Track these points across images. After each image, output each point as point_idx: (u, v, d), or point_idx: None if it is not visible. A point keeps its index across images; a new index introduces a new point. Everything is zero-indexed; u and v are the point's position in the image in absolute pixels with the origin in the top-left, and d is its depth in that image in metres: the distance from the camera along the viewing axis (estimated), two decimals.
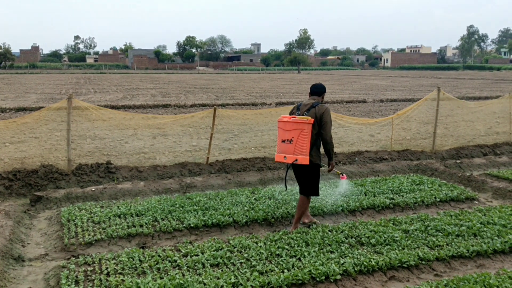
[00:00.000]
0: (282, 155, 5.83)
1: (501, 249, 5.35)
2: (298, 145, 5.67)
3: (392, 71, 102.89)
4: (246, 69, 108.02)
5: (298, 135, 5.66)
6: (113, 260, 4.96)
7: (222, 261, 4.90)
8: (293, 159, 5.70)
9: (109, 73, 77.96)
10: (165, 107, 21.91)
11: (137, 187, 7.86)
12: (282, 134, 5.84)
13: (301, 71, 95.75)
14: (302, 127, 5.64)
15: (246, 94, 30.72)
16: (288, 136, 5.73)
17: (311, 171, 5.91)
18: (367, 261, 4.88)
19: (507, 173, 8.99)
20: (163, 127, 12.96)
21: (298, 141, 5.67)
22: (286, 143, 5.76)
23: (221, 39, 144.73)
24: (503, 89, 35.26)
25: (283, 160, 5.82)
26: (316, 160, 5.85)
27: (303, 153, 5.65)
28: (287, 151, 5.77)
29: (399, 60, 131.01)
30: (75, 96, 20.75)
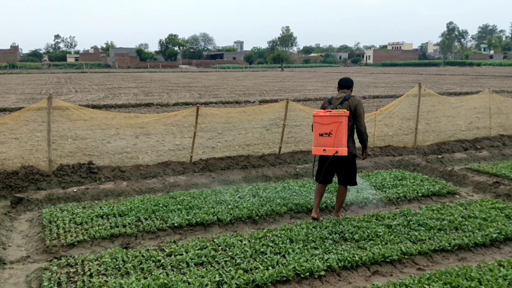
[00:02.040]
0: (321, 148, 6.00)
1: (482, 242, 5.44)
2: (337, 137, 5.87)
3: (374, 68, 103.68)
4: (229, 67, 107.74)
5: (337, 128, 5.86)
6: (96, 261, 4.91)
7: (206, 259, 4.89)
8: (334, 151, 5.89)
9: (90, 73, 77.07)
10: (147, 106, 21.76)
11: (120, 187, 7.79)
12: (319, 128, 6.00)
13: (284, 69, 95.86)
14: (340, 120, 5.85)
15: (229, 92, 30.66)
16: (327, 130, 5.92)
17: (349, 162, 6.15)
18: (351, 257, 4.91)
19: (487, 167, 9.13)
20: (145, 126, 12.86)
21: (337, 134, 5.87)
22: (325, 136, 5.94)
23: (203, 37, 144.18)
24: (483, 85, 35.80)
25: (323, 153, 6.01)
26: (352, 150, 6.07)
27: (342, 145, 5.86)
28: (326, 144, 5.95)
29: (381, 57, 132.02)
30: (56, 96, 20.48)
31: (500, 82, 40.25)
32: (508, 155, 10.73)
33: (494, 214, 6.31)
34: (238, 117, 12.34)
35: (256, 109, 11.73)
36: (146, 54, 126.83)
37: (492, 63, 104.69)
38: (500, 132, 12.78)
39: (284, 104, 10.18)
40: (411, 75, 60.48)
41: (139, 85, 39.74)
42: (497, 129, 13.15)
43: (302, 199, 7.08)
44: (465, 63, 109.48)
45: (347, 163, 6.13)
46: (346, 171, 6.19)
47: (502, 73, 63.98)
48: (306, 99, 25.09)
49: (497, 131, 12.90)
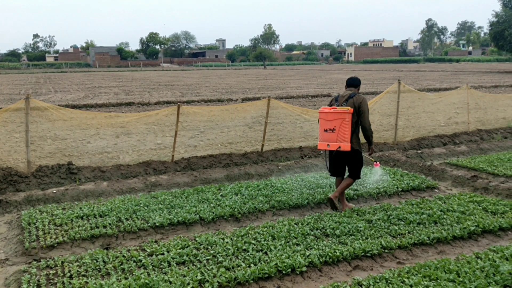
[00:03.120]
0: (325, 143, 6.31)
1: (460, 235, 5.53)
2: (340, 133, 6.17)
3: (356, 65, 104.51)
4: (211, 65, 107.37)
5: (340, 124, 6.16)
6: (76, 263, 4.86)
7: (188, 258, 4.88)
8: (337, 146, 6.21)
9: (70, 72, 76.04)
10: (128, 105, 21.56)
11: (100, 187, 7.71)
12: (324, 124, 6.30)
13: (267, 67, 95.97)
14: (343, 117, 6.14)
15: (212, 91, 30.57)
16: (331, 126, 6.22)
17: (353, 157, 6.43)
18: (332, 252, 4.96)
19: (466, 162, 9.29)
20: (126, 126, 12.74)
21: (340, 130, 6.17)
22: (329, 132, 6.25)
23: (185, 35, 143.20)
24: (462, 80, 36.36)
25: (327, 147, 6.32)
26: (356, 146, 6.32)
27: (345, 140, 6.16)
28: (330, 139, 6.26)
29: (362, 54, 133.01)
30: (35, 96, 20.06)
31: (478, 78, 40.93)
32: (486, 150, 10.93)
33: (472, 207, 6.43)
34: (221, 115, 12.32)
35: (239, 107, 11.71)
36: (127, 52, 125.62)
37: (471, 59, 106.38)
38: (478, 127, 13.00)
39: (266, 101, 10.20)
40: (392, 71, 61.10)
41: (120, 84, 39.37)
42: (475, 124, 13.38)
43: (285, 196, 7.11)
44: (445, 59, 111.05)
45: (352, 158, 6.43)
46: (351, 165, 6.51)
47: (480, 69, 65.05)
48: (288, 96, 25.15)
49: (475, 126, 13.12)
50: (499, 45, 56.05)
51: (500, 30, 53.10)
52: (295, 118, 14.57)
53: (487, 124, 13.54)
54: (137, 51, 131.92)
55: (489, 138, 12.08)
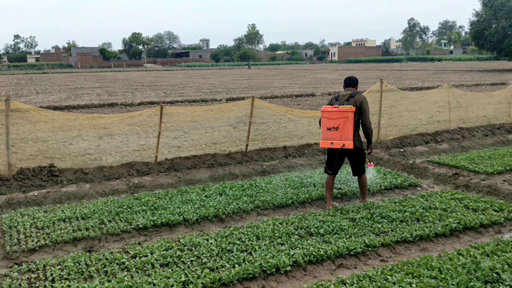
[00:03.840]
0: (329, 141, 6.41)
1: (442, 233, 5.60)
2: (344, 131, 6.28)
3: (339, 65, 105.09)
4: (195, 65, 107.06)
5: (344, 123, 6.27)
6: (58, 266, 4.80)
7: (172, 260, 4.85)
8: (341, 145, 6.32)
9: (51, 73, 75.07)
10: (111, 106, 21.37)
11: (83, 189, 7.63)
12: (327, 122, 6.39)
13: (251, 66, 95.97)
14: (347, 115, 6.25)
15: (196, 91, 30.47)
16: (334, 124, 6.32)
17: (357, 154, 6.59)
18: (316, 251, 4.97)
19: (447, 160, 9.41)
20: (109, 127, 12.63)
21: (344, 128, 6.28)
22: (332, 130, 6.35)
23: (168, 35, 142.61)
24: (443, 79, 36.83)
25: (330, 146, 6.42)
26: (357, 144, 6.48)
27: (349, 138, 6.28)
28: (334, 138, 6.36)
29: (345, 54, 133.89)
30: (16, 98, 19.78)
31: (459, 77, 41.51)
32: (467, 147, 11.08)
33: (453, 204, 6.51)
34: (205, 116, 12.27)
35: (223, 107, 11.68)
36: (109, 53, 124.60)
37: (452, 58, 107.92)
38: (459, 125, 13.17)
39: (250, 101, 10.19)
40: (375, 71, 61.61)
41: (103, 85, 38.99)
42: (456, 122, 13.56)
43: (269, 196, 7.11)
44: (427, 58, 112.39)
45: (356, 155, 6.60)
46: (355, 162, 6.68)
47: (461, 67, 65.97)
48: (273, 96, 25.19)
49: (456, 124, 13.30)
50: (479, 44, 56.87)
51: (481, 30, 53.88)
52: (279, 117, 14.60)
53: (468, 122, 13.73)
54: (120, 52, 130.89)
55: (470, 136, 12.25)
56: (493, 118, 14.19)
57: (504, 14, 51.32)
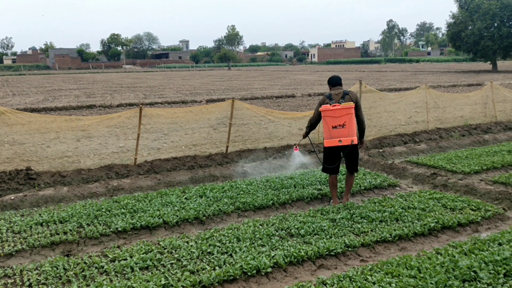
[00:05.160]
0: (336, 139, 6.41)
1: (421, 232, 5.66)
2: (350, 128, 6.35)
3: (319, 66, 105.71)
4: (175, 66, 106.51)
5: (350, 119, 6.34)
6: (35, 271, 4.70)
7: (152, 263, 4.80)
8: (350, 141, 6.37)
9: (28, 75, 73.72)
10: (89, 108, 21.10)
11: (60, 192, 7.50)
12: (331, 121, 6.40)
13: (231, 68, 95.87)
14: (351, 112, 6.35)
15: (175, 92, 30.29)
16: (340, 122, 6.35)
17: (356, 150, 6.73)
18: (297, 252, 4.98)
19: (425, 160, 9.54)
20: (87, 129, 12.46)
21: (350, 124, 6.35)
22: (339, 128, 6.37)
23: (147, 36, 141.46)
24: (421, 80, 37.37)
25: (338, 143, 6.42)
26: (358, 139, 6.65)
27: (355, 134, 6.41)
28: (341, 135, 6.38)
29: (325, 55, 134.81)
30: None
31: (437, 78, 42.18)
32: (445, 147, 11.25)
33: (432, 204, 6.60)
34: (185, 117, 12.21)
35: (203, 108, 11.63)
36: (87, 54, 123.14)
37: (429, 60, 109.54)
38: (437, 126, 13.37)
39: (231, 103, 10.17)
40: (354, 72, 62.14)
41: (81, 86, 38.47)
42: (434, 122, 13.76)
43: (250, 197, 7.09)
44: (405, 59, 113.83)
45: (355, 151, 6.71)
46: (354, 159, 6.76)
47: (439, 68, 67.07)
48: (253, 97, 25.20)
49: (434, 124, 13.50)
50: (456, 45, 57.80)
51: (457, 31, 54.82)
52: (260, 119, 14.61)
53: (445, 123, 13.95)
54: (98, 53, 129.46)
55: (447, 136, 12.44)
56: (470, 119, 14.46)
57: (480, 16, 52.32)
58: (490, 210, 6.36)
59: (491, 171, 8.79)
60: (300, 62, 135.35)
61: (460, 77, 43.22)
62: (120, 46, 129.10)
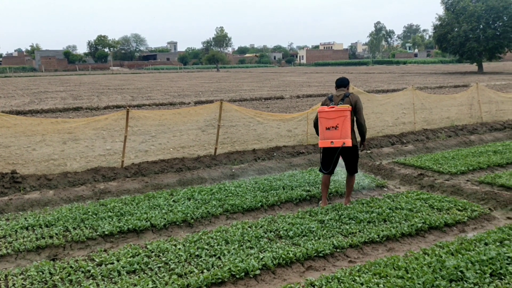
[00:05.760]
0: (328, 141, 6.53)
1: (408, 232, 5.69)
2: (343, 130, 6.42)
3: (308, 68, 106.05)
4: (163, 68, 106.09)
5: (343, 122, 6.41)
6: (20, 275, 4.64)
7: (139, 267, 4.75)
8: (341, 143, 6.44)
9: (14, 77, 72.91)
10: (76, 110, 20.92)
11: (46, 196, 7.41)
12: (325, 122, 6.52)
13: (220, 69, 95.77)
14: (345, 114, 6.42)
15: (163, 94, 30.16)
16: (333, 124, 6.45)
17: (353, 152, 6.75)
18: (285, 254, 4.97)
19: (413, 160, 9.60)
20: (74, 131, 12.31)
21: (343, 127, 6.41)
22: (332, 129, 6.48)
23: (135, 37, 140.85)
24: (408, 82, 37.66)
25: (330, 145, 6.52)
26: (354, 142, 6.67)
27: (348, 136, 6.44)
28: (333, 137, 6.48)
29: (314, 57, 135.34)
30: None
31: (424, 79, 42.54)
32: (431, 148, 11.34)
33: (419, 204, 6.64)
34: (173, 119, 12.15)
35: (191, 110, 11.57)
36: (74, 56, 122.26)
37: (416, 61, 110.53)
38: (424, 127, 13.48)
39: (219, 104, 10.15)
40: (342, 74, 62.39)
41: (67, 88, 38.14)
42: (421, 123, 13.86)
43: (238, 199, 7.07)
44: (392, 61, 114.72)
45: (352, 153, 6.75)
46: (352, 161, 6.80)
47: (426, 70, 67.68)
48: (242, 99, 25.19)
49: (421, 125, 13.60)
50: (442, 47, 58.35)
51: (443, 33, 55.35)
52: (248, 120, 14.59)
53: (432, 124, 14.05)
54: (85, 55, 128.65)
55: (434, 137, 12.55)
56: (456, 120, 14.59)
57: (466, 18, 52.89)
58: (476, 210, 6.41)
59: (477, 171, 8.87)
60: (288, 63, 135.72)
61: (446, 78, 43.64)
62: (107, 47, 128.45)
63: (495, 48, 53.86)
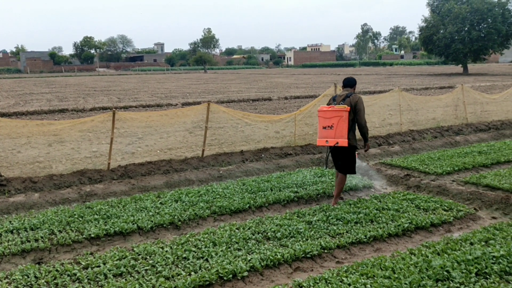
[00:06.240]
0: (324, 139, 6.68)
1: (395, 233, 5.73)
2: (338, 130, 6.53)
3: (295, 69, 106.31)
4: (150, 69, 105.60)
5: (337, 122, 6.53)
6: (5, 280, 4.57)
7: (125, 270, 4.71)
8: (335, 142, 6.58)
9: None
10: (62, 112, 20.73)
11: (32, 199, 7.32)
12: (322, 121, 6.68)
13: (207, 71, 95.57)
14: (340, 114, 6.52)
15: (150, 95, 30.01)
16: (329, 123, 6.59)
17: (348, 152, 6.81)
18: (273, 255, 4.97)
19: (399, 161, 9.67)
20: (59, 133, 12.16)
21: (338, 127, 6.54)
22: (327, 129, 6.62)
23: (121, 39, 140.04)
24: (394, 83, 37.95)
25: (325, 144, 6.70)
26: (352, 142, 6.72)
27: (343, 136, 6.53)
28: (328, 136, 6.62)
29: (301, 58, 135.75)
30: None
31: (410, 81, 42.91)
32: (418, 149, 11.44)
33: (405, 205, 6.69)
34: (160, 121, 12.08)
35: (179, 111, 11.51)
36: (60, 57, 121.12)
37: (403, 63, 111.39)
38: (410, 128, 13.59)
39: (206, 106, 10.12)
40: (330, 75, 62.71)
41: (53, 90, 37.77)
42: (407, 124, 13.96)
43: (226, 201, 7.06)
44: (379, 63, 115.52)
45: (347, 153, 6.82)
46: (346, 161, 6.87)
47: (412, 72, 68.27)
48: (230, 100, 25.16)
49: (407, 126, 13.71)
50: (428, 49, 58.94)
51: (429, 35, 55.91)
52: (236, 122, 14.55)
53: (418, 125, 14.17)
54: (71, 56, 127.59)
55: (420, 138, 12.66)
56: (442, 121, 14.73)
57: (451, 20, 53.52)
58: (462, 210, 6.48)
59: (463, 171, 8.97)
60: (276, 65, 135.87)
61: (432, 80, 44.06)
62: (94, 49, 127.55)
63: (480, 50, 54.59)
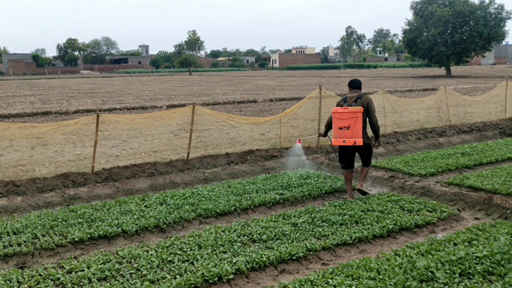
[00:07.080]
0: (341, 139, 7.13)
1: (379, 234, 5.77)
2: (354, 130, 6.96)
3: (281, 72, 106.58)
4: (134, 71, 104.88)
5: (354, 122, 6.93)
6: None
7: (110, 274, 4.67)
8: (353, 142, 7.02)
9: None
10: (45, 115, 20.47)
11: (14, 202, 7.21)
12: (338, 122, 7.08)
13: (192, 73, 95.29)
14: (357, 115, 6.94)
15: (135, 98, 29.82)
16: (345, 124, 6.98)
17: (366, 149, 7.38)
18: (259, 258, 4.96)
19: (384, 163, 9.75)
20: (43, 136, 12.02)
21: (354, 127, 6.94)
22: (344, 129, 7.03)
23: (105, 41, 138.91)
24: (379, 85, 38.27)
25: (342, 143, 7.13)
26: (366, 140, 7.19)
27: (359, 136, 6.98)
28: (345, 136, 7.05)
29: (286, 61, 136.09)
30: None
31: (394, 83, 43.33)
32: (402, 151, 11.54)
33: (390, 206, 6.74)
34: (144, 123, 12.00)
35: (164, 114, 11.45)
36: (43, 59, 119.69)
37: (387, 65, 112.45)
38: (394, 129, 13.71)
39: (191, 108, 10.09)
40: (315, 78, 63.03)
41: (36, 92, 37.30)
42: (392, 126, 14.09)
43: (211, 203, 7.03)
44: (363, 65, 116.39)
45: (365, 150, 7.37)
46: (365, 156, 7.49)
47: (396, 74, 68.93)
48: (215, 103, 25.12)
49: (392, 128, 13.83)
50: (412, 51, 59.64)
51: (413, 38, 56.57)
52: (222, 124, 14.54)
53: (402, 127, 14.31)
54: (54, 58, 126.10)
55: (404, 140, 12.78)
56: (425, 122, 14.90)
57: (434, 23, 54.22)
58: (445, 211, 6.55)
59: (446, 173, 9.07)
60: (261, 67, 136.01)
61: (416, 82, 44.55)
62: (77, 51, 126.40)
63: (462, 52, 55.41)
